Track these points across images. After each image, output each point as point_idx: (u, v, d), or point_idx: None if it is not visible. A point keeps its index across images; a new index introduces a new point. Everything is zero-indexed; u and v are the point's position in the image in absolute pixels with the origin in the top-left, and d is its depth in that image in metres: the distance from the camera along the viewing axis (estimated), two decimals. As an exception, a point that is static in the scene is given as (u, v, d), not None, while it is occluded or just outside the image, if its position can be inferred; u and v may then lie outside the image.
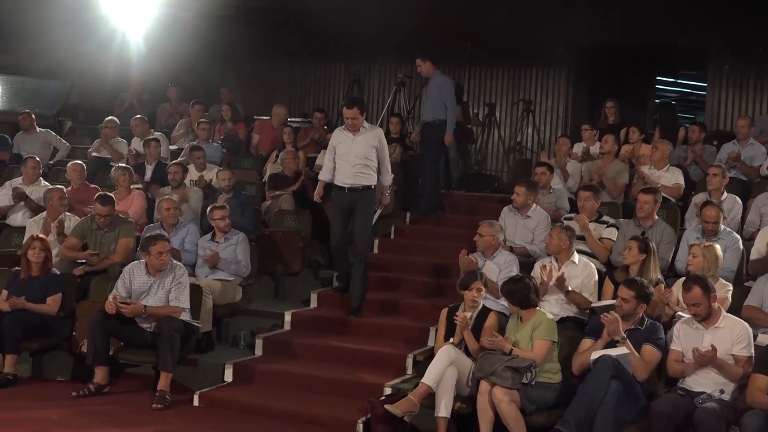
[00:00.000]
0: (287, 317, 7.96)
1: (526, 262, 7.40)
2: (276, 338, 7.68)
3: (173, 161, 9.57)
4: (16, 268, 7.51)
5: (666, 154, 8.87)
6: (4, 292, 7.30)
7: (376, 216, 8.26)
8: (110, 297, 6.86)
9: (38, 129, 11.46)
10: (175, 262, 7.17)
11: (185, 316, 6.95)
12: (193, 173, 9.76)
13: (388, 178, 7.94)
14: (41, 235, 7.60)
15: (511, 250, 7.60)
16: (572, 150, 9.81)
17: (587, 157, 9.69)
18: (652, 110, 12.04)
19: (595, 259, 7.37)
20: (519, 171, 12.17)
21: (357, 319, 7.86)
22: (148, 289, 6.99)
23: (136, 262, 7.25)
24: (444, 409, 5.92)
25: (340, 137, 7.76)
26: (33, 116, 11.51)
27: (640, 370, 5.75)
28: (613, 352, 5.71)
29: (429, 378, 5.98)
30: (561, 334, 6.15)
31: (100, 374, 6.87)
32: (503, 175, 12.59)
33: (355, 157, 7.66)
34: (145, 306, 6.85)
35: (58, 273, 7.47)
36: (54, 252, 7.72)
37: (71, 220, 8.23)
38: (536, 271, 6.93)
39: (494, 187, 11.48)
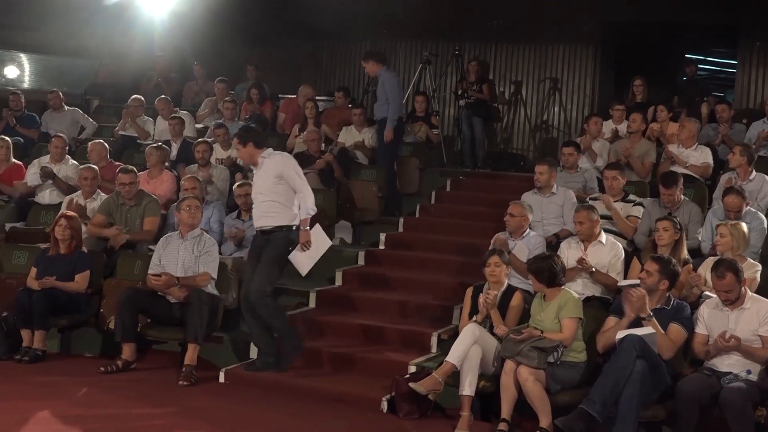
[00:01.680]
0: (312, 295, 7.98)
1: (552, 242, 7.38)
2: (301, 316, 7.71)
3: (199, 140, 9.58)
4: (45, 245, 7.59)
5: (693, 132, 8.76)
6: (33, 270, 7.38)
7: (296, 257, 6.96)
8: (149, 273, 7.03)
9: (66, 107, 11.54)
10: (205, 234, 7.27)
11: (212, 290, 6.99)
12: (218, 152, 9.79)
13: (308, 205, 6.80)
14: (69, 213, 7.66)
15: (557, 237, 7.51)
16: (602, 129, 9.71)
17: (615, 136, 9.61)
18: (681, 88, 11.87)
19: (622, 238, 7.32)
20: (545, 150, 12.14)
21: (382, 298, 7.86)
22: (178, 254, 7.08)
23: (172, 233, 7.34)
24: (468, 387, 5.93)
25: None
26: (61, 95, 11.59)
27: (666, 349, 5.71)
28: (638, 331, 5.67)
29: (453, 356, 5.98)
30: (586, 314, 6.11)
31: (127, 351, 6.94)
32: (529, 154, 12.53)
33: (259, 194, 6.83)
34: (178, 278, 6.91)
35: (86, 251, 7.53)
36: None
37: (102, 199, 8.29)
38: (562, 252, 6.90)
39: (520, 166, 11.44)
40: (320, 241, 6.96)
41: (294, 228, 6.77)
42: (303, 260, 6.93)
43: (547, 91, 12.68)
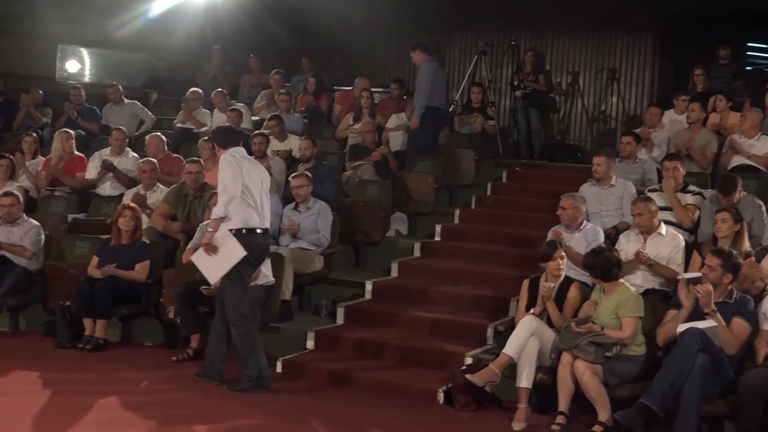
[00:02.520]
0: (368, 286, 8.01)
1: (611, 234, 7.29)
2: (357, 307, 7.74)
3: (256, 132, 9.66)
4: (107, 236, 7.73)
5: (756, 122, 8.57)
6: (95, 259, 7.54)
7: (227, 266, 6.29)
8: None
9: (126, 101, 11.72)
10: None
11: (264, 278, 6.98)
12: (275, 144, 9.86)
13: (217, 208, 6.29)
14: (132, 204, 7.79)
15: (616, 230, 7.39)
16: (661, 120, 9.56)
17: (676, 126, 9.45)
18: (743, 78, 11.61)
19: (682, 230, 7.20)
20: (603, 141, 12.00)
21: (438, 290, 7.85)
22: None
23: None
24: (525, 379, 5.89)
25: None
26: (121, 88, 11.77)
27: (730, 344, 5.60)
28: (700, 324, 5.58)
29: (510, 348, 5.95)
30: (645, 306, 6.02)
31: (195, 340, 7.07)
32: (586, 145, 12.39)
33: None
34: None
35: (147, 241, 7.65)
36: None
37: (162, 192, 8.41)
38: (621, 245, 6.82)
39: (577, 157, 11.32)
40: (230, 248, 6.21)
41: (244, 232, 6.25)
42: (209, 265, 6.31)
43: (605, 82, 12.52)
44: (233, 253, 6.19)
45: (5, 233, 7.79)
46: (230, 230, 6.22)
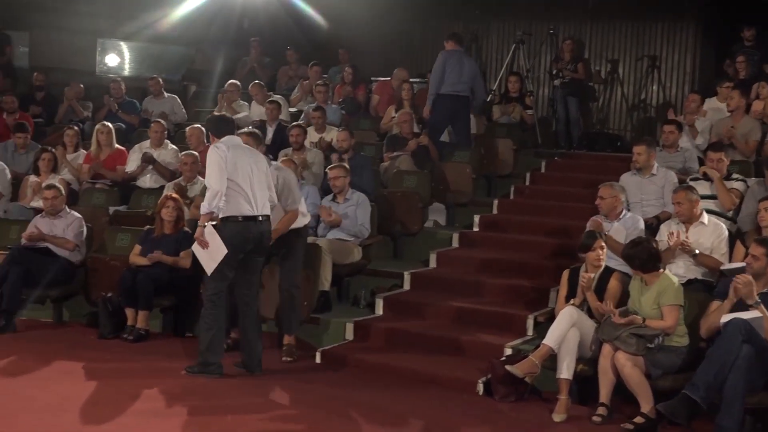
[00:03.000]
0: (407, 277, 8.00)
1: (653, 224, 7.20)
2: (396, 298, 7.74)
3: (294, 123, 9.68)
4: (149, 226, 7.80)
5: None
6: (138, 247, 7.61)
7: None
8: None
9: (165, 94, 11.80)
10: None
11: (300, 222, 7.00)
12: (312, 135, 9.87)
13: (204, 204, 6.42)
14: (175, 195, 7.85)
15: (657, 219, 7.31)
16: (701, 107, 9.43)
17: (718, 114, 9.30)
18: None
19: (725, 219, 7.09)
20: (643, 129, 11.85)
21: (477, 280, 7.82)
22: None
23: None
24: (566, 370, 5.85)
25: None
26: (161, 81, 11.86)
27: (775, 335, 5.52)
28: (745, 315, 5.49)
29: (551, 339, 5.91)
30: (688, 297, 5.95)
31: (236, 331, 7.10)
32: (626, 134, 12.26)
33: None
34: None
35: (189, 231, 7.70)
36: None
37: (201, 184, 8.46)
38: (662, 235, 6.73)
39: (617, 146, 11.21)
40: (215, 245, 6.33)
41: (240, 219, 6.34)
42: (203, 258, 6.44)
43: (645, 70, 12.38)
44: (218, 250, 6.29)
45: (48, 225, 7.90)
46: (223, 218, 6.31)
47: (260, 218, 6.43)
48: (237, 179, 6.32)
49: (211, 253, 6.35)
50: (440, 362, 6.72)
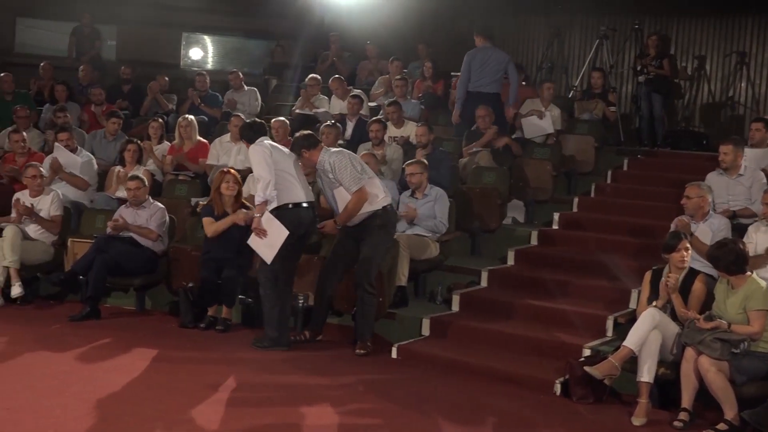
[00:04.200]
0: (484, 274, 7.95)
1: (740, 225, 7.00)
2: (473, 294, 7.69)
3: (374, 118, 9.69)
4: (207, 200, 7.88)
5: None
6: (208, 219, 7.60)
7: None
8: None
9: (246, 87, 11.94)
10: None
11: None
12: (392, 130, 9.87)
13: (258, 195, 6.84)
14: (233, 170, 7.88)
15: (734, 215, 7.18)
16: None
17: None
18: None
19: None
20: (730, 128, 11.52)
21: (555, 279, 7.72)
22: None
23: None
24: (647, 373, 5.74)
25: None
26: (241, 75, 12.01)
27: None
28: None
29: (631, 341, 5.80)
30: (777, 302, 5.77)
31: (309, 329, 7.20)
32: (712, 132, 11.93)
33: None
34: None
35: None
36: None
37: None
38: (750, 236, 6.54)
39: (702, 145, 10.93)
40: (275, 230, 6.71)
41: (290, 206, 6.79)
42: (261, 248, 6.80)
43: (733, 66, 12.02)
44: (279, 234, 6.68)
45: (132, 215, 8.08)
46: (278, 206, 6.71)
47: (306, 204, 6.85)
48: (285, 169, 6.80)
49: (270, 239, 6.70)
50: (517, 361, 6.66)
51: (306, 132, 7.20)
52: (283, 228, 6.66)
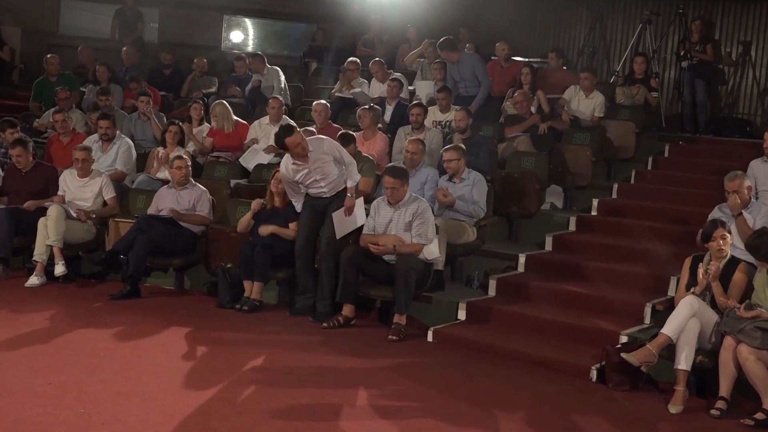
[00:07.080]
0: (521, 259, 7.92)
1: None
2: (509, 279, 7.67)
3: (415, 102, 9.66)
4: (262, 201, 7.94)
5: None
6: (245, 218, 7.72)
7: None
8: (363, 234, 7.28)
9: (268, 66, 11.75)
10: (416, 195, 7.33)
11: (429, 254, 7.05)
12: (437, 115, 9.83)
13: (352, 177, 7.55)
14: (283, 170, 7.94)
15: None
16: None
17: None
18: None
19: None
20: (776, 115, 11.35)
21: (593, 265, 7.68)
22: (389, 220, 7.19)
23: (380, 197, 7.45)
24: (684, 361, 5.69)
25: None
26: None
27: None
28: None
29: (669, 328, 5.76)
30: (819, 292, 5.69)
31: (347, 309, 7.18)
32: (756, 119, 11.76)
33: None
34: (395, 245, 7.03)
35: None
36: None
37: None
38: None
39: (746, 132, 10.77)
40: (358, 215, 7.38)
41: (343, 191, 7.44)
42: (340, 222, 7.31)
43: (779, 52, 11.82)
44: (358, 220, 7.34)
45: (173, 197, 8.16)
46: (340, 190, 7.35)
47: None
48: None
49: (351, 220, 7.30)
50: (553, 346, 6.64)
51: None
52: (364, 217, 7.32)
